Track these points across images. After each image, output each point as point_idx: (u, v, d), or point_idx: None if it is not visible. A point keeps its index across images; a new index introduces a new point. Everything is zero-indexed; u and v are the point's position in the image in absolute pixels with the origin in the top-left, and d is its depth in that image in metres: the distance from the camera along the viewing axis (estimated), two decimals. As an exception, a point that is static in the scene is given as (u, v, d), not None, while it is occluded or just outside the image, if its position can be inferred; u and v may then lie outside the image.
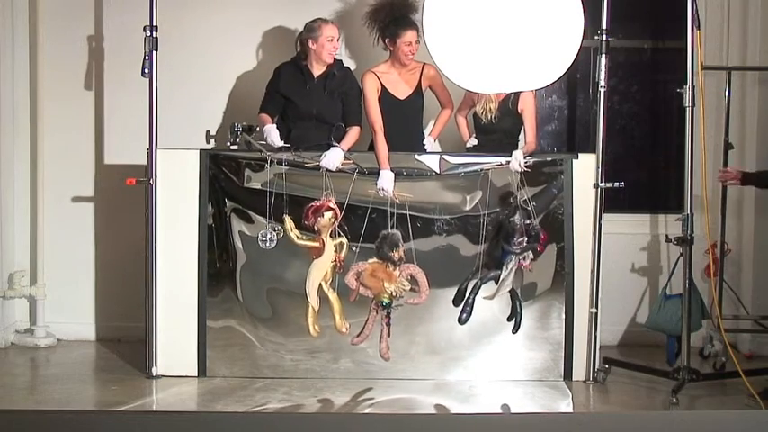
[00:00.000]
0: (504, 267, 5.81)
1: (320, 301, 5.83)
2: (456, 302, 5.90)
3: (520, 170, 5.84)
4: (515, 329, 5.92)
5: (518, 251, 5.78)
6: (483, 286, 5.88)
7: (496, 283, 5.85)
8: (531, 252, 5.80)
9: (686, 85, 5.75)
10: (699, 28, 5.78)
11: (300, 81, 6.05)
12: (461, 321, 5.90)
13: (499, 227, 5.87)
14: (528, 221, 5.80)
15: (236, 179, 5.95)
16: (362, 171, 5.90)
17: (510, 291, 5.88)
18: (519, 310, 5.90)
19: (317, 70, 6.04)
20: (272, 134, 5.94)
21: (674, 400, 5.57)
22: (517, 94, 5.99)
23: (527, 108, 6.01)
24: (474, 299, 5.88)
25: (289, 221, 5.81)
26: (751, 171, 6.16)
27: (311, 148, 5.93)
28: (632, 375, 6.01)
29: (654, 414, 5.09)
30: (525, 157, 5.86)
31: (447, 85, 6.13)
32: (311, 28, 5.99)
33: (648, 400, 5.76)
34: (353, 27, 6.40)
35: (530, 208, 5.84)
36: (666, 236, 5.97)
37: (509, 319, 5.94)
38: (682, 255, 5.81)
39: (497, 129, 6.05)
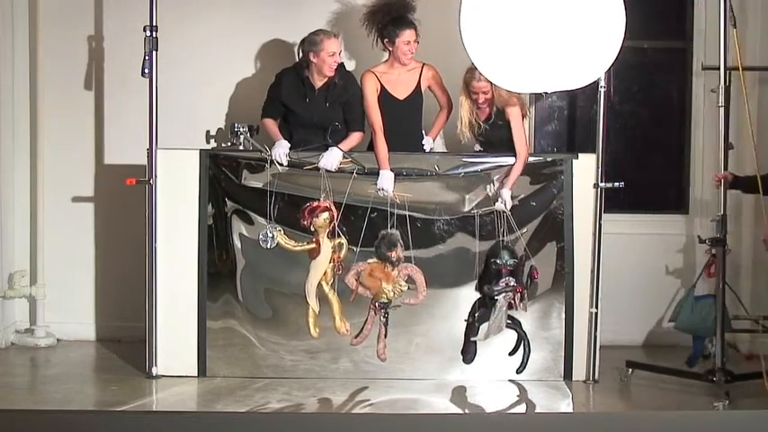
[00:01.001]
0: (493, 310, 5.79)
1: (320, 302, 5.83)
2: (463, 352, 5.90)
3: (506, 210, 5.83)
4: (520, 370, 5.88)
5: (495, 294, 5.76)
6: (480, 326, 5.85)
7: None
8: (520, 294, 5.78)
9: (720, 84, 5.74)
10: (735, 26, 5.78)
11: (301, 92, 6.03)
12: (467, 361, 5.89)
13: (486, 265, 5.86)
14: (513, 261, 5.78)
15: (237, 179, 5.95)
16: (362, 167, 5.89)
17: (517, 331, 5.85)
18: (526, 350, 5.86)
19: (319, 81, 6.01)
20: (280, 152, 5.87)
21: (726, 401, 5.46)
22: (500, 107, 5.91)
23: (513, 117, 5.91)
24: (475, 341, 5.87)
25: (280, 237, 5.81)
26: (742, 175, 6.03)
27: (310, 149, 5.92)
28: (651, 377, 5.94)
29: (654, 414, 5.09)
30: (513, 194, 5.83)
31: (448, 86, 6.13)
32: (313, 41, 5.94)
33: (658, 402, 5.72)
34: (353, 28, 6.38)
35: (520, 250, 5.82)
36: (699, 237, 5.95)
37: (512, 353, 5.90)
38: (714, 255, 5.80)
39: (493, 138, 6.00)
